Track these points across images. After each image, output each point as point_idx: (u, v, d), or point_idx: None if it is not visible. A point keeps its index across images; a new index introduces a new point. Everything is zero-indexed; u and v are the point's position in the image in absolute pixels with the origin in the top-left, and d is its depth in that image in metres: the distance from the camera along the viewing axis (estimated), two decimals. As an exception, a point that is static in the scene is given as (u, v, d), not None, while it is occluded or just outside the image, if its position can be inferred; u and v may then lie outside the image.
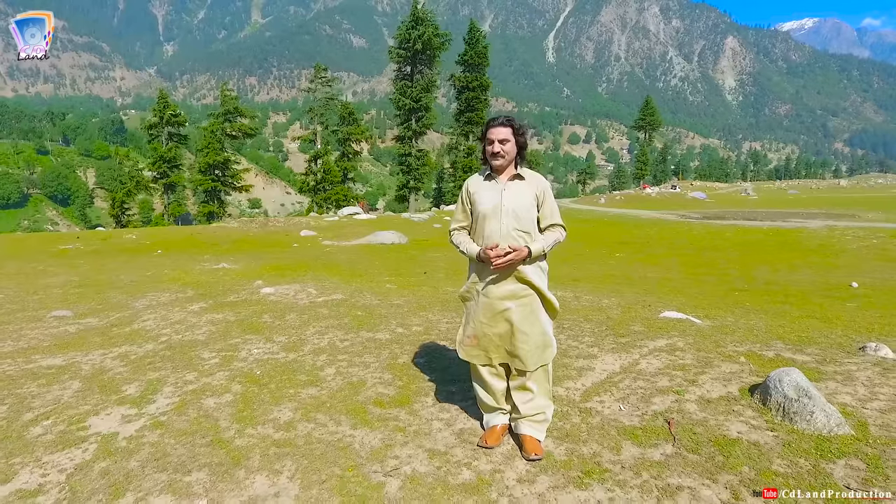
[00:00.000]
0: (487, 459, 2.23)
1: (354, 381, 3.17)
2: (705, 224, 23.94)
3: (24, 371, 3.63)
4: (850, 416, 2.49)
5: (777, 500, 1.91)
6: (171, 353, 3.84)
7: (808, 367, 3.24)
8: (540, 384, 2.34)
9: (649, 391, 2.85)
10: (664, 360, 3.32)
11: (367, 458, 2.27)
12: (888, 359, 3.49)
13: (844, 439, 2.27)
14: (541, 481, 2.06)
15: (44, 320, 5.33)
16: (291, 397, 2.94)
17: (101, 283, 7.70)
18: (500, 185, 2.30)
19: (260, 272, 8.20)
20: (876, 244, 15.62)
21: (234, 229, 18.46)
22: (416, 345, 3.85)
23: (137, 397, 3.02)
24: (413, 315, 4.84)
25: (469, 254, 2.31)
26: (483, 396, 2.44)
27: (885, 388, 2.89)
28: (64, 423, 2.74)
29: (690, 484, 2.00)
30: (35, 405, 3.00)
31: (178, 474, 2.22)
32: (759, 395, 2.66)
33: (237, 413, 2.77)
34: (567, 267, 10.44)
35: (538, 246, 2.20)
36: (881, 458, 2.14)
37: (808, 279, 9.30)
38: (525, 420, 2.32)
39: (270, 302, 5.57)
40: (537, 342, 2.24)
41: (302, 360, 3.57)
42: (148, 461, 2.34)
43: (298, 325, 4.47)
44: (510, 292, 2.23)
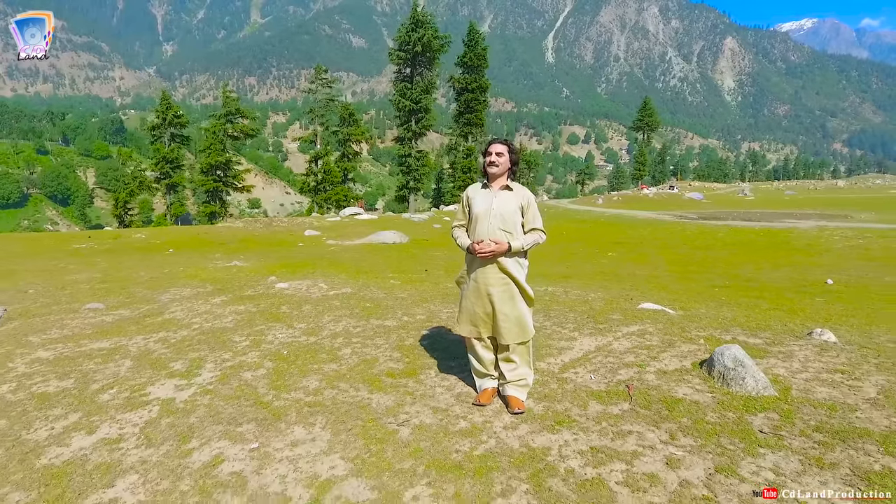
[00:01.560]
0: (480, 414, 2.78)
1: (368, 358, 3.71)
2: (699, 224, 24.47)
3: (78, 353, 4.16)
4: (778, 383, 3.03)
5: (777, 499, 1.96)
6: (205, 337, 4.38)
7: (756, 347, 3.79)
8: (522, 356, 2.88)
9: (617, 365, 3.39)
10: (633, 342, 3.87)
11: (383, 413, 2.81)
12: (829, 342, 4.04)
13: (768, 399, 2.81)
14: (521, 428, 2.60)
15: (80, 312, 5.86)
16: (316, 371, 3.48)
17: (123, 280, 8.22)
18: (492, 192, 2.85)
19: (271, 269, 8.73)
20: (861, 244, 16.13)
21: (239, 229, 19.00)
22: (419, 330, 4.39)
23: (185, 371, 3.56)
24: (416, 306, 5.38)
25: (462, 246, 2.88)
26: (476, 365, 2.98)
27: (817, 363, 3.43)
28: (127, 392, 3.28)
29: (639, 430, 2.54)
30: (98, 378, 3.54)
31: (230, 426, 2.76)
32: (706, 367, 3.21)
33: (272, 383, 3.31)
34: (561, 266, 10.98)
35: (517, 243, 2.75)
36: (794, 412, 2.68)
37: (787, 277, 9.84)
38: (510, 384, 2.87)
39: (286, 295, 6.10)
40: (515, 322, 2.77)
41: (321, 342, 4.11)
42: (204, 417, 2.87)
43: (314, 315, 5.01)
44: (493, 280, 2.78)
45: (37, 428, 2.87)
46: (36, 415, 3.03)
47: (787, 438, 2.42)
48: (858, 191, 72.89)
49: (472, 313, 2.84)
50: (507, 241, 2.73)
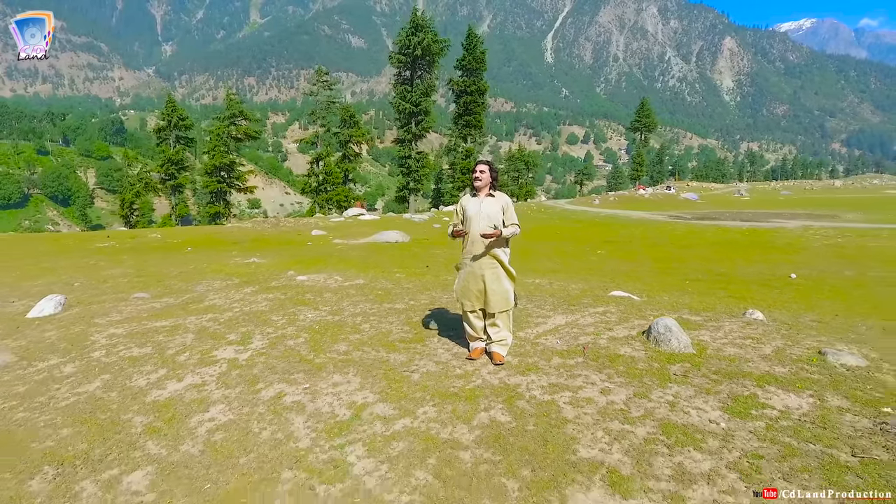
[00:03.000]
0: (471, 365, 3.72)
1: (384, 331, 4.65)
2: (690, 224, 25.38)
3: (145, 329, 5.10)
4: (698, 345, 3.98)
5: (777, 499, 2.02)
6: (247, 317, 5.31)
7: (694, 322, 4.73)
8: (504, 322, 3.82)
9: (579, 334, 4.34)
10: (596, 318, 4.81)
11: (399, 365, 3.76)
12: (756, 319, 4.98)
13: (686, 354, 3.75)
14: (501, 373, 3.54)
15: (129, 300, 6.78)
16: (343, 339, 4.42)
17: (155, 275, 9.14)
18: (480, 199, 3.80)
19: (288, 265, 9.66)
20: (839, 242, 17.00)
21: (249, 229, 19.94)
22: (424, 311, 5.33)
23: (240, 340, 4.50)
24: (420, 293, 6.32)
25: (451, 236, 3.83)
26: (469, 330, 3.93)
27: (737, 333, 4.38)
28: (198, 354, 4.22)
29: (586, 374, 3.49)
30: (170, 346, 4.48)
31: (285, 375, 3.70)
32: (646, 334, 4.15)
33: (310, 348, 4.24)
34: (551, 262, 11.92)
35: (507, 231, 3.69)
36: (703, 363, 3.62)
37: (757, 272, 10.77)
38: (495, 343, 3.81)
39: (307, 286, 7.04)
40: (501, 295, 3.72)
41: (344, 320, 5.05)
42: (264, 370, 3.81)
43: (335, 300, 5.95)
44: (486, 265, 3.72)
45: (136, 379, 3.81)
46: (132, 371, 3.97)
47: (691, 378, 3.36)
48: (854, 191, 73.19)
49: (468, 291, 3.78)
50: (506, 256, 3.75)
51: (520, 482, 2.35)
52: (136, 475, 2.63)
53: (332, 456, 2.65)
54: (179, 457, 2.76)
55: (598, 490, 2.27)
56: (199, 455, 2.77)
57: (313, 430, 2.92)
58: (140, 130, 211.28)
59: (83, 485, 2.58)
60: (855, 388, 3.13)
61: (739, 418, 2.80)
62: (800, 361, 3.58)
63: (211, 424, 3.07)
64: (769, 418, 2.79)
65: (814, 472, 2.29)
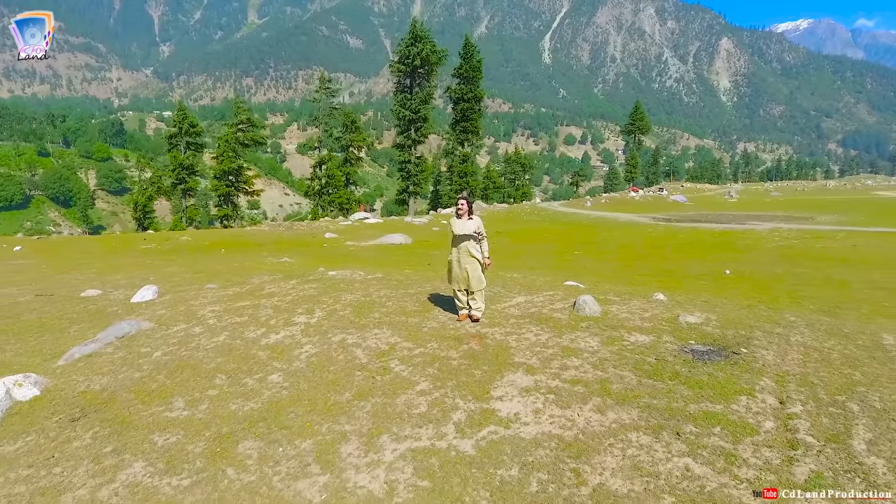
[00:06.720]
0: (460, 324, 5.97)
1: (402, 306, 6.89)
2: (668, 227, 27.48)
3: (235, 307, 7.30)
4: (605, 313, 6.21)
5: (777, 500, 2.13)
6: (304, 299, 7.53)
7: (611, 300, 6.95)
8: (480, 297, 6.06)
9: (530, 306, 6.58)
10: (545, 298, 7.06)
11: (414, 325, 6.00)
12: (658, 299, 7.21)
13: (594, 317, 5.99)
14: (477, 327, 5.79)
15: (203, 289, 8.97)
16: (376, 311, 6.66)
17: (208, 271, 11.32)
18: (462, 220, 6.02)
19: (316, 263, 11.88)
20: (792, 244, 19.01)
21: (268, 232, 22.17)
22: (428, 294, 7.57)
23: (306, 312, 6.72)
24: (425, 283, 8.56)
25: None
26: (457, 303, 6.17)
27: (637, 307, 6.60)
28: (282, 320, 6.44)
29: (530, 327, 5.73)
30: (260, 316, 6.69)
31: (343, 329, 5.93)
32: (573, 306, 6.39)
33: (355, 315, 6.47)
34: (532, 261, 14.12)
35: (485, 245, 5.93)
36: (601, 321, 5.86)
37: (701, 268, 12.97)
38: (474, 310, 6.06)
39: (338, 279, 9.26)
40: (477, 279, 5.95)
41: (373, 300, 7.28)
42: (329, 327, 6.04)
43: (363, 288, 8.18)
44: (466, 260, 5.95)
45: (248, 334, 6.03)
46: (242, 330, 6.19)
47: (591, 329, 5.60)
48: (844, 192, 73.22)
49: (456, 276, 6.03)
50: (483, 253, 5.95)
51: (481, 371, 4.60)
52: (273, 377, 4.86)
53: (381, 364, 4.89)
54: (295, 368, 4.99)
55: (520, 374, 4.52)
56: (305, 368, 5.00)
57: (368, 354, 5.17)
58: (139, 132, 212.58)
59: (245, 380, 4.81)
60: (682, 333, 5.37)
61: (606, 346, 5.05)
62: (661, 321, 5.83)
63: (307, 353, 5.30)
64: (622, 345, 5.04)
65: (629, 366, 4.54)
